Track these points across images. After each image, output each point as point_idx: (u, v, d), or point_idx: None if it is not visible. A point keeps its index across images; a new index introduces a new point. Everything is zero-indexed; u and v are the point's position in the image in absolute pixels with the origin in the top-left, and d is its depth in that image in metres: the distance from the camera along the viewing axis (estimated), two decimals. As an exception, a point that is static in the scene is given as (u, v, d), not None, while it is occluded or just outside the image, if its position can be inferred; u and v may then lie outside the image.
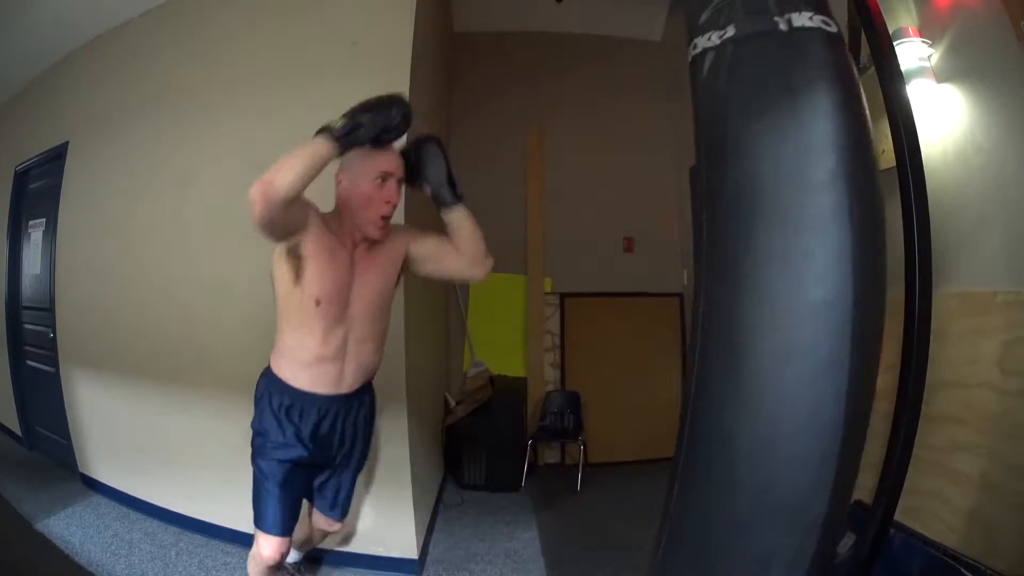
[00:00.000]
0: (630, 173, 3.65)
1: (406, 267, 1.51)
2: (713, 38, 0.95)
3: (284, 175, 1.15)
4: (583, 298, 3.61)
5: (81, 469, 2.70)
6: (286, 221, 1.25)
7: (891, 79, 1.14)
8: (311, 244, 1.32)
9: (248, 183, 1.13)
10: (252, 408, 1.45)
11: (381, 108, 1.25)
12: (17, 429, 3.26)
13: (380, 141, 1.30)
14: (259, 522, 1.41)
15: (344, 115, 1.24)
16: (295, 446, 1.40)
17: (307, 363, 1.38)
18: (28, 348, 3.15)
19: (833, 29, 0.94)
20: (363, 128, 1.23)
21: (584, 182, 3.63)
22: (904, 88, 1.19)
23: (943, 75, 1.56)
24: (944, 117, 1.56)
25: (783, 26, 0.90)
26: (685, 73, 1.05)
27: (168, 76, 2.44)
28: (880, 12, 1.18)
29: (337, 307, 1.36)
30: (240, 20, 2.32)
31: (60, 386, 2.76)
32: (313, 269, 1.32)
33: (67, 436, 2.75)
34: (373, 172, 1.35)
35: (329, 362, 1.39)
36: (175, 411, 2.31)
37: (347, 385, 1.43)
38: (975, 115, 1.49)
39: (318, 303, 1.33)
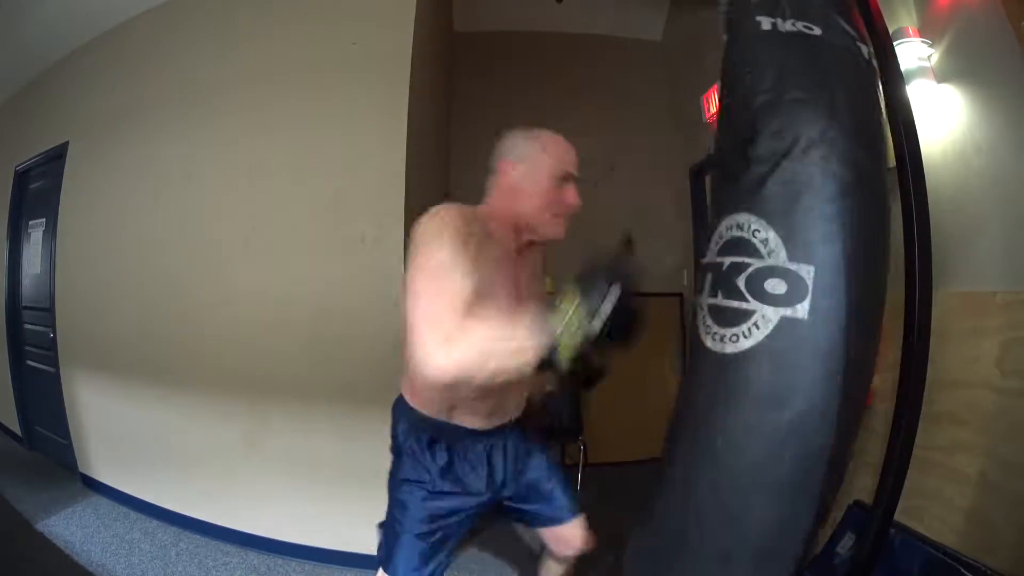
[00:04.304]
0: (630, 173, 3.64)
1: None
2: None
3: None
4: (583, 298, 3.60)
5: (81, 469, 2.70)
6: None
7: (891, 79, 1.14)
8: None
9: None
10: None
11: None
12: (17, 429, 3.26)
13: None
14: (386, 562, 1.19)
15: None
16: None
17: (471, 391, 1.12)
18: (28, 348, 3.15)
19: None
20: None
21: (584, 181, 3.61)
22: (904, 88, 1.19)
23: (943, 75, 1.56)
24: (944, 117, 1.56)
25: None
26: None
27: (168, 76, 2.44)
28: (880, 12, 1.19)
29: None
30: (240, 20, 2.32)
31: (60, 386, 2.76)
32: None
33: (67, 436, 2.74)
34: (555, 171, 1.14)
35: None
36: (175, 411, 2.31)
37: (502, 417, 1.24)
38: (975, 115, 1.49)
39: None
